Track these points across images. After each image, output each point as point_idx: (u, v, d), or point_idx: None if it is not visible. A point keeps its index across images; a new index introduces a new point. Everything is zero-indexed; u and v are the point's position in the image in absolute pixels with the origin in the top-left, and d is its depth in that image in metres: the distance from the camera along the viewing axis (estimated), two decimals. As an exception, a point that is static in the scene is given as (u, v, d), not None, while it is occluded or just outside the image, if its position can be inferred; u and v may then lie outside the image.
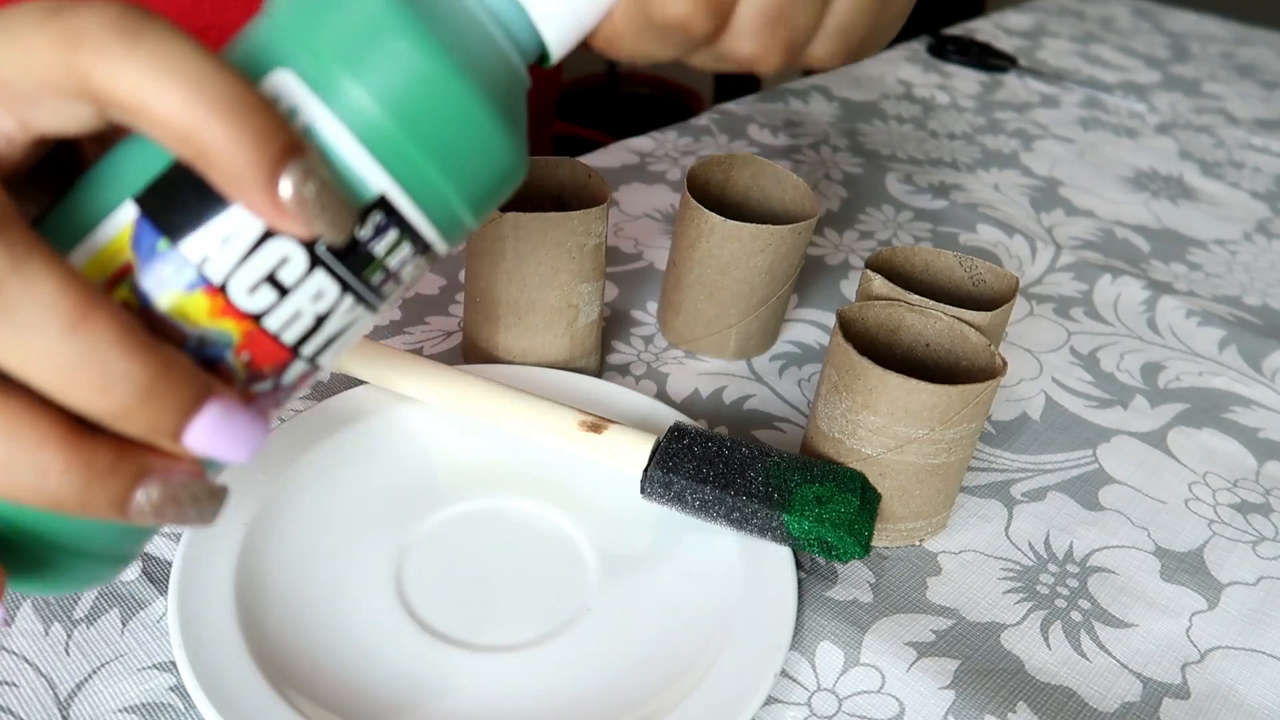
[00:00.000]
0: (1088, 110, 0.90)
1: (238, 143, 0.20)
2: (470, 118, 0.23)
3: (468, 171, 0.24)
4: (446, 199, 0.24)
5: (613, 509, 0.41)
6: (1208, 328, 0.59)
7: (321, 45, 0.22)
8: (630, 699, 0.34)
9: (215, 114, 0.20)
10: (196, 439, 0.22)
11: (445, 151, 0.23)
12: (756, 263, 0.48)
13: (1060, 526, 0.44)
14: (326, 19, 0.22)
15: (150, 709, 0.33)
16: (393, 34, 0.22)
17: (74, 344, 0.20)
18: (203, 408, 0.22)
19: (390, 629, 0.36)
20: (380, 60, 0.22)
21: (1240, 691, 0.38)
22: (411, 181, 0.23)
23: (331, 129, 0.22)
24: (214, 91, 0.20)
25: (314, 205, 0.21)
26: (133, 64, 0.20)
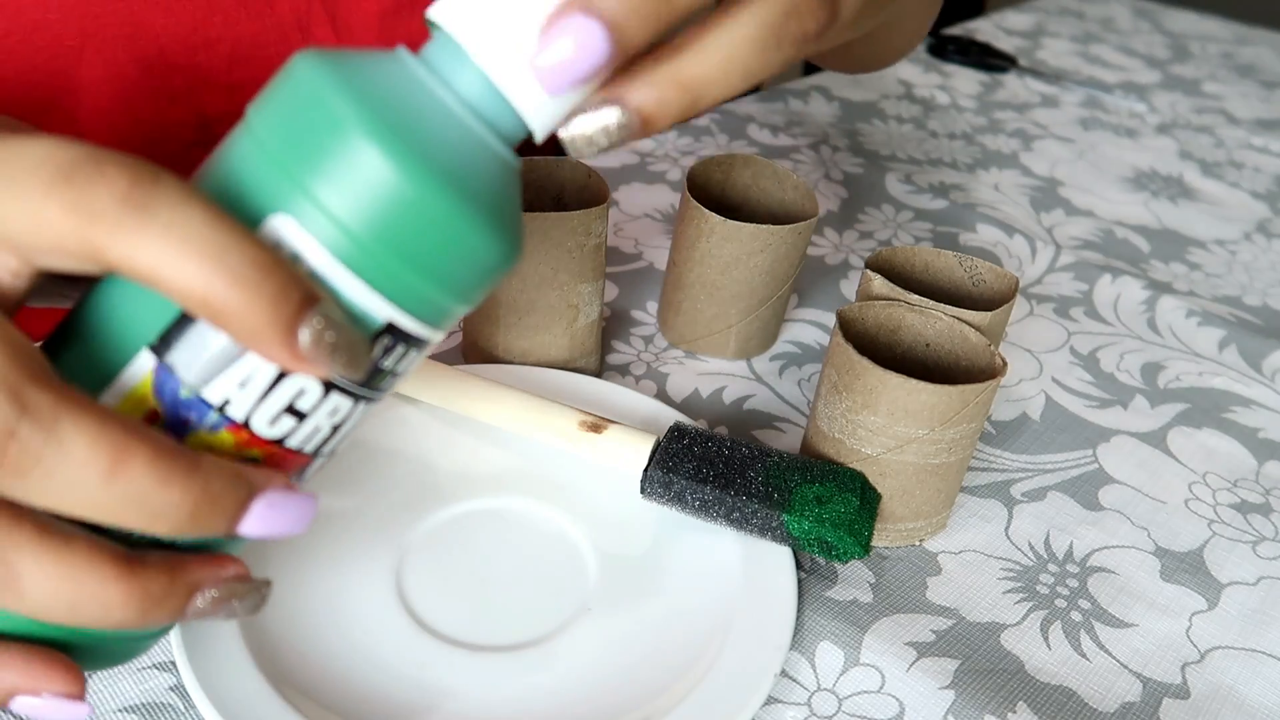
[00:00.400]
0: (1088, 110, 0.90)
1: (254, 304, 0.21)
2: (464, 235, 0.24)
3: (465, 281, 0.25)
4: (446, 308, 0.25)
5: (613, 509, 0.41)
6: (1208, 328, 0.59)
7: (315, 187, 0.22)
8: (630, 699, 0.34)
9: (232, 281, 0.21)
10: (251, 529, 0.23)
11: (443, 271, 0.24)
12: (756, 263, 0.48)
13: (1060, 526, 0.44)
14: (314, 157, 0.22)
15: (150, 709, 0.33)
16: (383, 171, 0.22)
17: (115, 490, 0.21)
18: (250, 507, 0.23)
19: (390, 629, 0.36)
20: (373, 198, 0.22)
21: (1240, 691, 0.38)
22: (414, 304, 0.24)
23: (335, 271, 0.23)
24: (229, 259, 0.21)
25: (330, 350, 0.22)
26: (147, 240, 0.21)
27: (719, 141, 0.75)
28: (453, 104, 0.24)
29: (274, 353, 0.22)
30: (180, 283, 0.21)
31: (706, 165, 0.51)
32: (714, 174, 0.52)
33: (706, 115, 0.78)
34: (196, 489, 0.22)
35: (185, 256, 0.21)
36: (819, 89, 0.87)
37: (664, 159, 0.71)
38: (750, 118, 0.78)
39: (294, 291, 0.22)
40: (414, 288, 0.24)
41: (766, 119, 0.78)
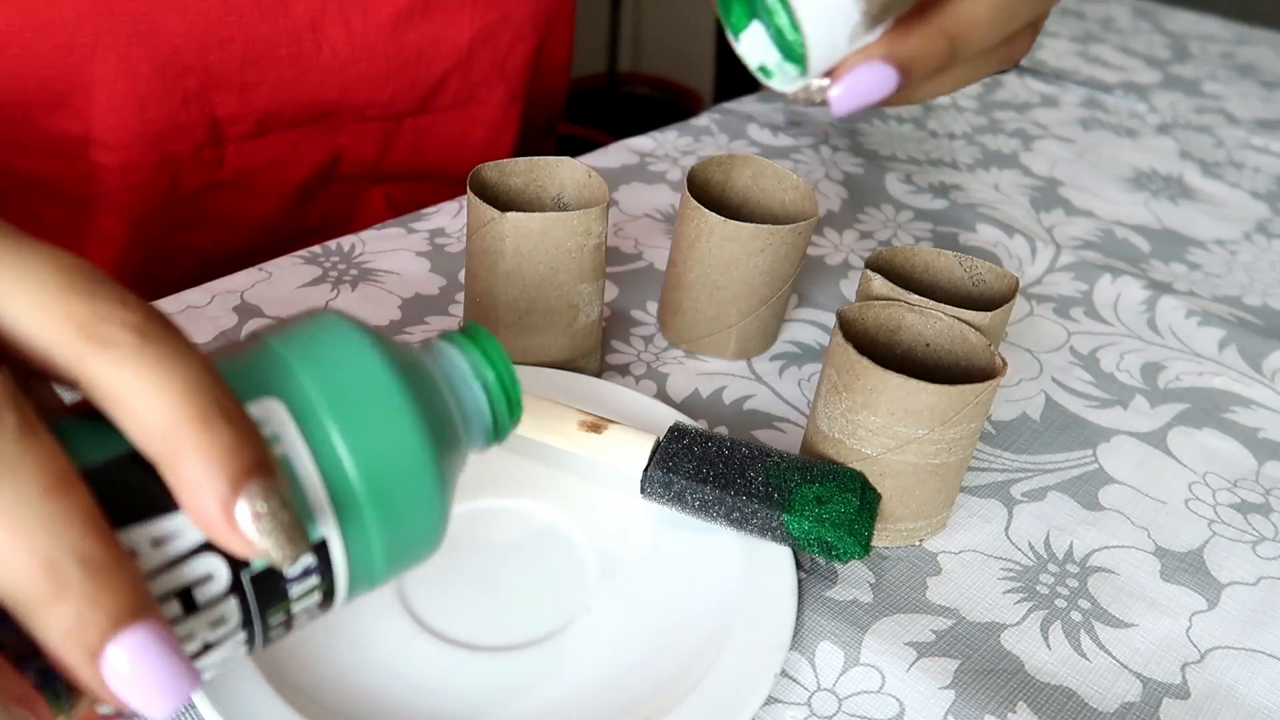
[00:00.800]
0: (1088, 110, 0.90)
1: (208, 450, 0.20)
2: (426, 500, 0.25)
3: (404, 542, 0.25)
4: (374, 562, 0.25)
5: (613, 509, 0.41)
6: (1208, 328, 0.59)
7: (317, 391, 0.23)
8: (630, 699, 0.34)
9: (197, 422, 0.20)
10: (116, 662, 0.20)
11: (394, 522, 0.24)
12: (756, 263, 0.48)
13: (1060, 526, 0.44)
14: (326, 371, 0.24)
15: (150, 709, 0.33)
16: (390, 407, 0.24)
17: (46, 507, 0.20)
18: (136, 623, 0.20)
19: (390, 629, 0.36)
20: (370, 426, 0.23)
21: (1240, 691, 0.38)
22: (354, 537, 0.24)
23: (303, 466, 0.23)
24: (200, 401, 0.21)
25: (269, 527, 0.21)
26: (131, 368, 0.21)
27: (719, 141, 0.75)
28: (446, 394, 0.27)
29: (210, 509, 0.21)
30: (145, 421, 0.20)
31: (706, 165, 0.51)
32: (714, 174, 0.52)
33: (706, 115, 0.78)
34: (113, 557, 0.20)
35: (159, 397, 0.20)
36: (819, 89, 0.87)
37: (664, 159, 0.71)
38: (750, 118, 0.78)
39: (251, 451, 0.21)
40: (363, 521, 0.24)
41: (766, 119, 0.78)
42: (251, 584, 0.23)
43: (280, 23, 0.58)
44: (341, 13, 0.60)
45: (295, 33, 0.59)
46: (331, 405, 0.23)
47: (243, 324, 0.50)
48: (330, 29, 0.60)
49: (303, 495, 0.23)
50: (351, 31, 0.60)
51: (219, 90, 0.59)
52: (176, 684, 0.20)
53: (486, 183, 0.47)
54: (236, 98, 0.60)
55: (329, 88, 0.62)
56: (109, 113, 0.57)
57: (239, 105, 0.60)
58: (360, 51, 0.61)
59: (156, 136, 0.59)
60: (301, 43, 0.60)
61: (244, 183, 0.65)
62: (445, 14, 0.63)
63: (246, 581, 0.23)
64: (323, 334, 0.25)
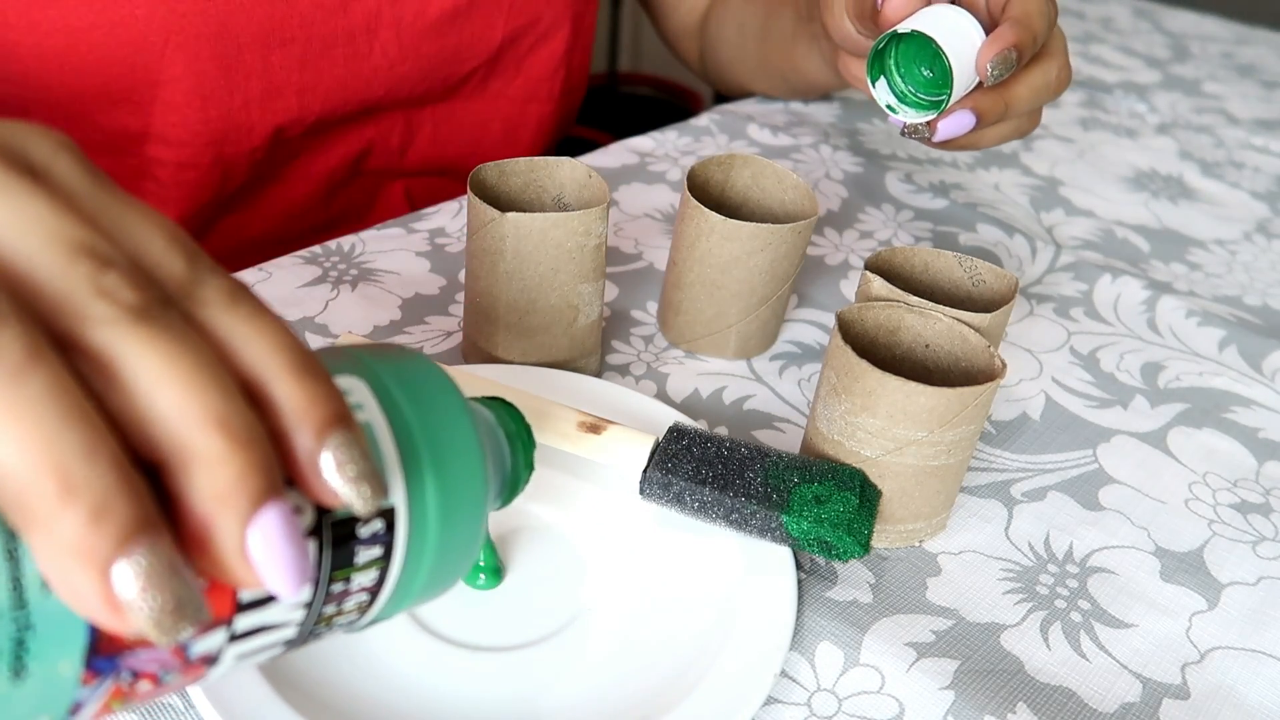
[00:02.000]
0: (1088, 110, 0.90)
1: (296, 400, 0.21)
2: (473, 534, 0.26)
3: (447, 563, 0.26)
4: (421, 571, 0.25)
5: (612, 509, 0.41)
6: (1208, 328, 0.59)
7: (400, 392, 0.25)
8: (630, 699, 0.34)
9: (285, 369, 0.21)
10: (264, 531, 0.20)
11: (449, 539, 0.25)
12: (756, 262, 0.48)
13: (1060, 526, 0.44)
14: (409, 388, 0.25)
15: (150, 708, 0.33)
16: (467, 439, 0.26)
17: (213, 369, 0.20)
18: (277, 498, 0.20)
19: (390, 629, 0.36)
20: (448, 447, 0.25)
21: (1240, 691, 0.38)
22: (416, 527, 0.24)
23: (383, 437, 0.24)
24: (289, 353, 0.21)
25: (350, 474, 0.21)
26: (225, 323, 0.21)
27: (719, 141, 0.75)
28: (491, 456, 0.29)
29: (300, 455, 0.21)
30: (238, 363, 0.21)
31: (706, 165, 0.51)
32: (714, 174, 0.52)
33: (706, 115, 0.78)
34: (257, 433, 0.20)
35: (253, 341, 0.21)
36: (819, 89, 0.87)
37: (664, 159, 0.71)
38: (750, 118, 0.78)
39: (336, 403, 0.21)
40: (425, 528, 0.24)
41: (766, 119, 0.78)
42: (329, 529, 0.22)
43: (339, 23, 0.60)
44: (394, 12, 0.61)
45: (351, 33, 0.60)
46: (411, 404, 0.24)
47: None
48: (383, 30, 0.61)
49: (380, 457, 0.23)
50: (401, 32, 0.62)
51: (279, 96, 0.60)
52: (301, 564, 0.20)
53: (486, 183, 0.47)
54: (296, 102, 0.61)
55: (375, 87, 0.64)
56: (171, 110, 0.58)
57: (299, 110, 0.61)
58: (407, 51, 0.63)
59: (214, 137, 0.60)
60: (356, 43, 0.61)
61: (278, 173, 0.66)
62: (485, 15, 0.65)
63: (326, 526, 0.22)
64: (408, 362, 0.26)
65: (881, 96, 0.52)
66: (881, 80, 0.52)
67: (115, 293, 0.19)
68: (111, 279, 0.19)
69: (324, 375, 0.21)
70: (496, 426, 0.31)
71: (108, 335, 0.19)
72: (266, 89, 0.59)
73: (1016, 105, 0.51)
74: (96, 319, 0.19)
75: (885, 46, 0.51)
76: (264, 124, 0.61)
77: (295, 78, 0.60)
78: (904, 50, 0.51)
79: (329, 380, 0.22)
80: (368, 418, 0.24)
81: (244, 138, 0.61)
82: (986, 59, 0.48)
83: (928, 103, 0.51)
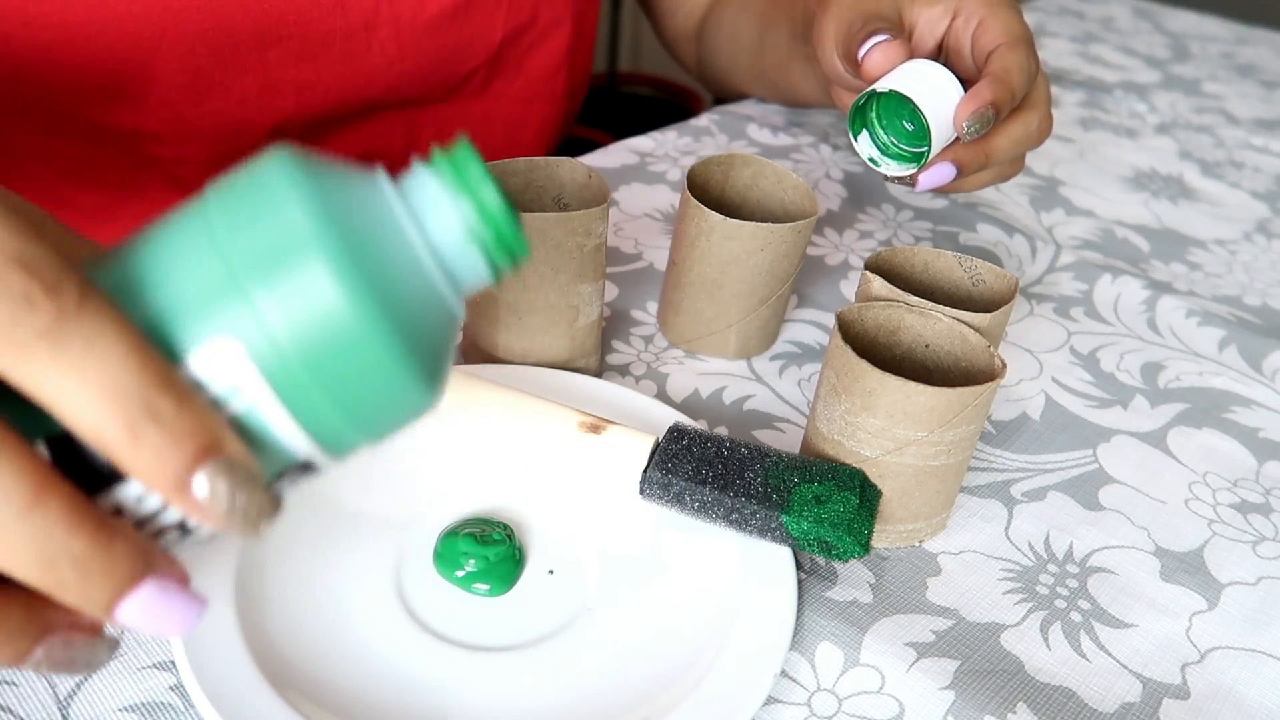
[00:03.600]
0: (1088, 110, 0.90)
1: (152, 454, 0.21)
2: (400, 387, 0.23)
3: (385, 425, 0.24)
4: (357, 445, 0.24)
5: (612, 509, 0.41)
6: (1208, 328, 0.59)
7: (265, 309, 0.21)
8: (630, 699, 0.34)
9: (129, 429, 0.21)
10: (129, 615, 0.22)
11: (372, 417, 0.23)
12: (756, 261, 0.48)
13: (1060, 526, 0.44)
14: (270, 274, 0.21)
15: (150, 708, 0.33)
16: (338, 306, 0.22)
17: (26, 526, 0.20)
18: (141, 583, 0.22)
19: (390, 629, 0.36)
20: (321, 331, 0.22)
21: (1240, 691, 0.38)
22: (333, 443, 0.23)
23: (271, 406, 0.22)
24: (132, 405, 0.21)
25: (229, 507, 0.22)
26: (56, 375, 0.20)
27: (719, 141, 0.75)
28: (419, 245, 0.24)
29: (171, 500, 0.21)
30: (79, 425, 0.21)
31: (706, 165, 0.51)
32: (714, 174, 0.52)
33: (706, 115, 0.78)
34: (100, 547, 0.21)
35: (90, 399, 0.20)
36: (819, 89, 0.87)
37: (664, 159, 0.71)
38: (750, 118, 0.78)
39: (190, 443, 0.21)
40: (339, 429, 0.23)
41: (766, 119, 0.78)
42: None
43: (337, 21, 0.60)
44: (392, 11, 0.61)
45: (349, 31, 0.60)
46: (279, 322, 0.21)
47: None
48: (381, 28, 0.61)
49: (272, 436, 0.23)
50: (400, 30, 0.62)
51: (277, 93, 0.60)
52: (187, 615, 0.23)
53: (486, 183, 0.47)
54: (294, 100, 0.61)
55: (375, 86, 0.64)
56: (165, 106, 0.58)
57: (297, 107, 0.61)
58: (406, 50, 0.63)
59: (211, 134, 0.60)
60: (354, 41, 0.61)
61: None
62: (483, 13, 0.65)
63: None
64: (262, 220, 0.22)
65: (864, 149, 0.53)
66: (864, 133, 0.53)
67: None
68: None
69: (168, 412, 0.21)
70: (420, 205, 0.24)
71: None
72: (264, 86, 0.59)
73: (997, 155, 0.52)
74: None
75: (866, 103, 0.52)
76: (262, 122, 0.61)
77: (293, 75, 0.60)
78: (884, 105, 0.53)
79: (175, 414, 0.21)
80: (245, 404, 0.22)
81: (243, 135, 0.61)
82: (964, 117, 0.49)
83: (909, 154, 0.53)
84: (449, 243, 0.24)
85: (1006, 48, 0.51)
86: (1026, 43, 0.52)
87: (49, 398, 0.20)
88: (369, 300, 0.22)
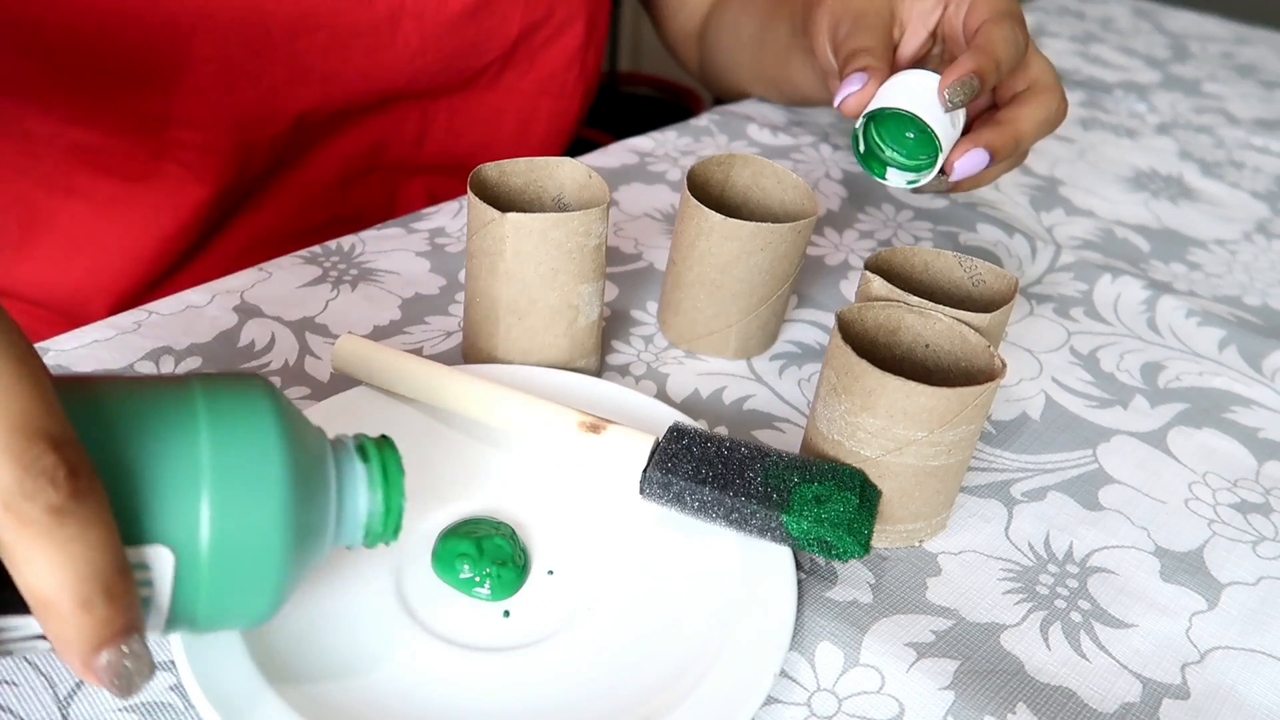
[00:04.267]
0: (1088, 110, 0.90)
1: (82, 626, 0.24)
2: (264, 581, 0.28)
3: (221, 624, 0.29)
4: (196, 615, 0.28)
5: (612, 509, 0.41)
6: (1208, 328, 0.59)
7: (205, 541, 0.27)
8: (630, 699, 0.34)
9: (78, 603, 0.24)
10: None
11: (220, 621, 0.29)
12: (756, 261, 0.48)
13: (1060, 527, 0.44)
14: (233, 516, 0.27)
15: (150, 708, 0.33)
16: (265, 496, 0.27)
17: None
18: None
19: (390, 629, 0.36)
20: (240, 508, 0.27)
21: (1240, 691, 0.38)
22: (177, 626, 0.28)
23: (163, 598, 0.27)
24: (87, 586, 0.24)
25: (117, 677, 0.25)
26: (37, 552, 0.23)
27: (719, 141, 0.75)
28: (332, 507, 0.31)
29: (70, 662, 0.25)
30: (37, 590, 0.24)
31: (706, 165, 0.51)
32: (714, 174, 0.52)
33: (706, 115, 0.78)
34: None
35: (61, 573, 0.23)
36: (819, 89, 0.87)
37: (664, 159, 0.71)
38: (750, 118, 0.78)
39: (118, 622, 0.24)
40: (194, 622, 0.28)
41: (766, 119, 0.78)
42: None
43: (364, 14, 0.60)
44: (417, 6, 0.62)
45: (375, 24, 0.61)
46: (217, 486, 0.27)
47: (243, 324, 0.50)
48: (406, 21, 0.62)
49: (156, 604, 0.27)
50: (424, 24, 0.62)
51: (304, 83, 0.60)
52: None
53: (487, 183, 0.47)
54: (320, 91, 0.62)
55: (396, 78, 0.64)
56: (196, 93, 0.58)
57: (321, 98, 0.62)
58: (428, 43, 0.64)
59: (238, 121, 0.60)
60: (379, 34, 0.62)
61: (297, 160, 0.67)
62: (502, 8, 0.65)
63: None
64: (242, 413, 0.28)
65: (896, 181, 0.53)
66: (888, 170, 0.53)
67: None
68: None
69: (117, 594, 0.24)
70: (346, 473, 0.31)
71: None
72: (292, 75, 0.60)
73: (1026, 140, 0.52)
74: None
75: (865, 128, 0.52)
76: (288, 110, 0.61)
77: (320, 65, 0.60)
78: (882, 126, 0.52)
79: (118, 598, 0.24)
80: (150, 592, 0.26)
81: (267, 123, 0.61)
82: (944, 86, 0.48)
83: (918, 163, 0.52)
84: (350, 515, 0.31)
85: (991, 22, 0.52)
86: (1012, 16, 0.52)
87: (21, 563, 0.23)
88: (290, 547, 0.28)
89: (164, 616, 0.27)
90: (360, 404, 0.44)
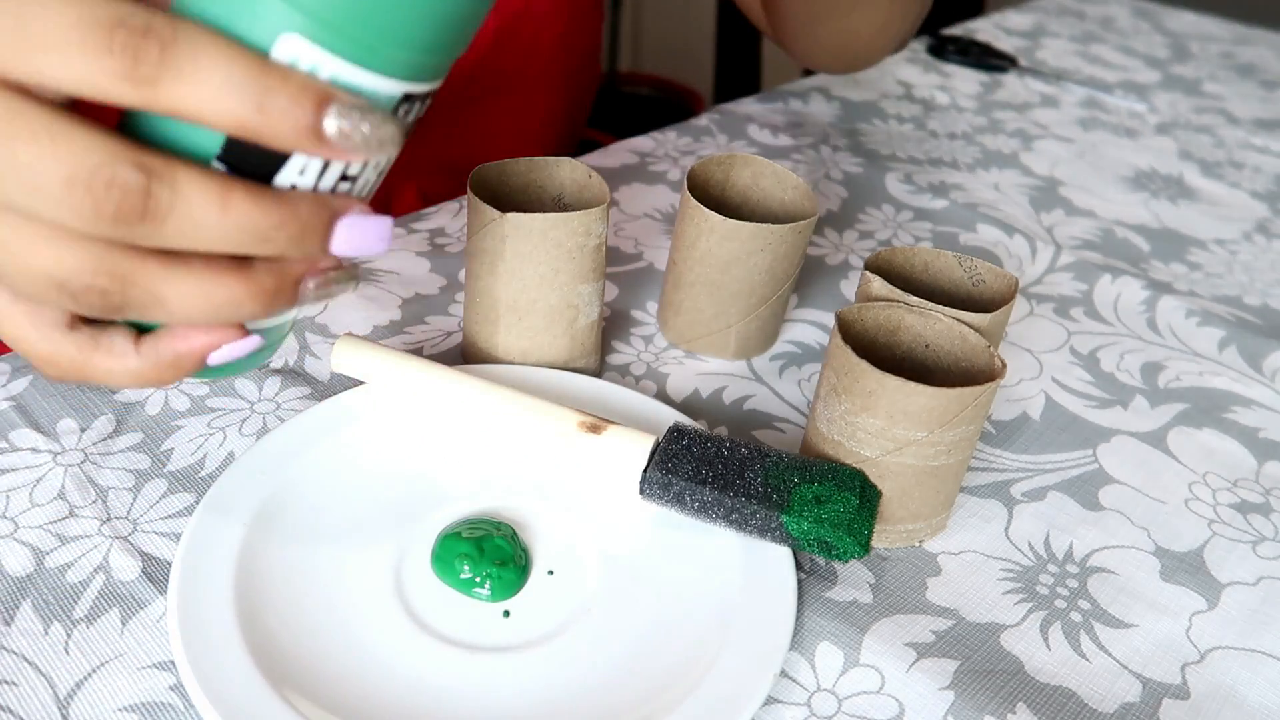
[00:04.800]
0: (1088, 110, 0.90)
1: (279, 121, 0.25)
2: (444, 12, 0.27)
3: (454, 41, 0.28)
4: (444, 65, 0.28)
5: (612, 509, 0.41)
6: (1208, 328, 0.59)
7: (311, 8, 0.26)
8: (630, 699, 0.34)
9: (256, 108, 0.25)
10: (341, 247, 0.28)
11: (433, 44, 0.27)
12: (756, 262, 0.48)
13: (1060, 527, 0.44)
14: None
15: (150, 708, 0.33)
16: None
17: (228, 222, 0.26)
18: (335, 226, 0.28)
19: (390, 629, 0.36)
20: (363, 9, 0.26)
21: (1240, 691, 0.38)
22: (419, 73, 0.28)
23: (347, 70, 0.26)
24: (249, 90, 0.25)
25: (357, 138, 0.26)
26: (187, 92, 0.25)
27: (719, 141, 0.75)
28: None
29: (311, 152, 0.26)
30: (220, 120, 0.25)
31: (706, 165, 0.51)
32: (714, 174, 0.52)
33: (706, 115, 0.78)
34: (289, 213, 0.27)
35: (216, 100, 0.25)
36: (819, 89, 0.87)
37: (664, 159, 0.71)
38: (750, 118, 0.78)
39: (307, 100, 0.25)
40: (415, 62, 0.27)
41: (766, 119, 0.78)
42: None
43: None
44: None
45: None
46: (336, 20, 0.26)
47: (243, 324, 0.50)
48: None
49: (364, 92, 0.27)
50: None
51: None
52: (382, 230, 0.29)
53: (487, 183, 0.47)
54: None
55: None
56: None
57: None
58: None
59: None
60: None
61: None
62: None
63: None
64: None
65: None
66: None
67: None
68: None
69: (279, 85, 0.25)
70: None
71: None
72: None
73: None
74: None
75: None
76: None
77: None
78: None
79: (285, 85, 0.25)
80: (328, 72, 0.26)
81: None
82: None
83: None
84: None
85: None
86: None
87: (190, 110, 0.25)
88: None
89: (372, 76, 0.27)
90: (361, 404, 0.44)
